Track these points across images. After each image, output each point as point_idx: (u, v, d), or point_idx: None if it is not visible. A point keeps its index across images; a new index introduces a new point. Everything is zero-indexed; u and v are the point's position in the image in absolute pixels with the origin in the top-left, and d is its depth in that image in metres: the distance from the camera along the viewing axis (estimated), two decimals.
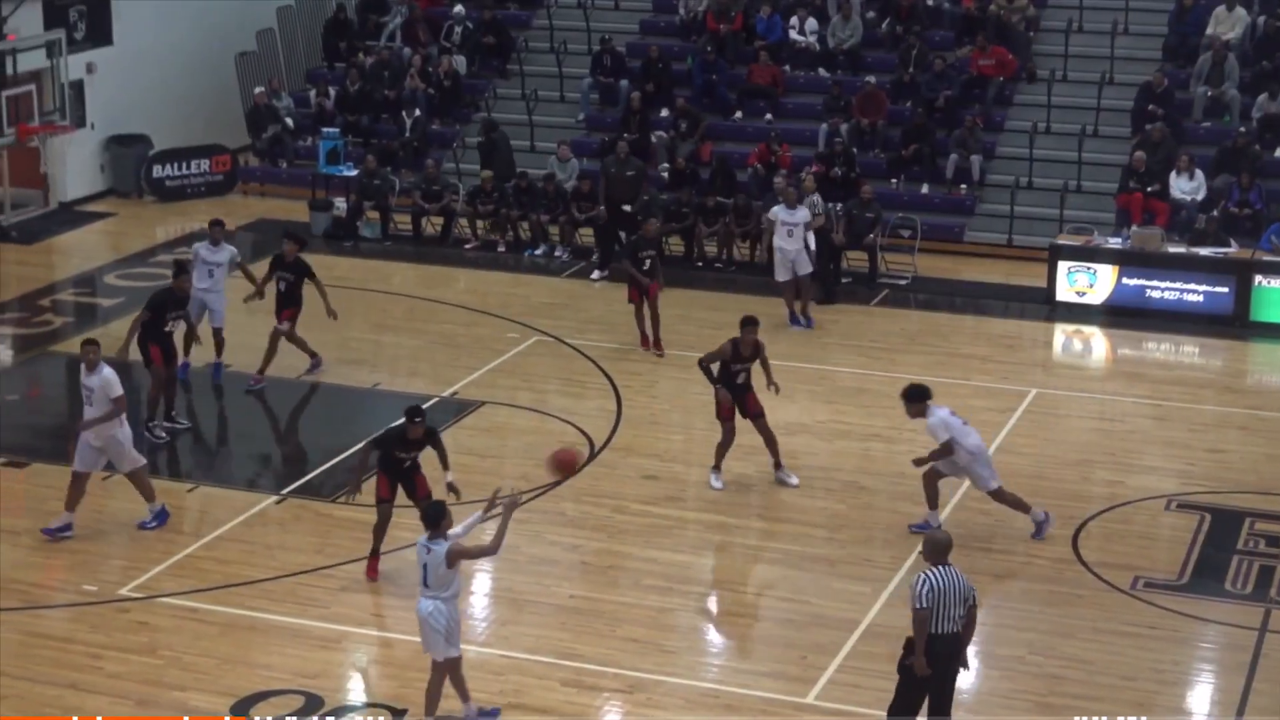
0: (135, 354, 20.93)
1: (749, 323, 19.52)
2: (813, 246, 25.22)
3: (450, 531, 14.43)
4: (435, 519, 14.43)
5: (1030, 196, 29.42)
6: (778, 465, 19.73)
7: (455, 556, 14.28)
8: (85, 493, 18.29)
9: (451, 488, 16.97)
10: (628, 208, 27.77)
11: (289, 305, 22.76)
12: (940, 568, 13.63)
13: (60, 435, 21.38)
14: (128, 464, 18.28)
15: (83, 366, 18.08)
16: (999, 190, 29.65)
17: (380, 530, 17.32)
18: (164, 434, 20.94)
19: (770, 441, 19.62)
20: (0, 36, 29.07)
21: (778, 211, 25.13)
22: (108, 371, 17.97)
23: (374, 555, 17.34)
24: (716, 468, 19.62)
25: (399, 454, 17.25)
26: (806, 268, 25.15)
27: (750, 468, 20.24)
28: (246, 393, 22.47)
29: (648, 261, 23.73)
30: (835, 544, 18.28)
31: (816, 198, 26.58)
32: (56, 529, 18.21)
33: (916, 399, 18.00)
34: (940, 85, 30.64)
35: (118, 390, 17.89)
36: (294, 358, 22.83)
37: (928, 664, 13.60)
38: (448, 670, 14.55)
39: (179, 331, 21.52)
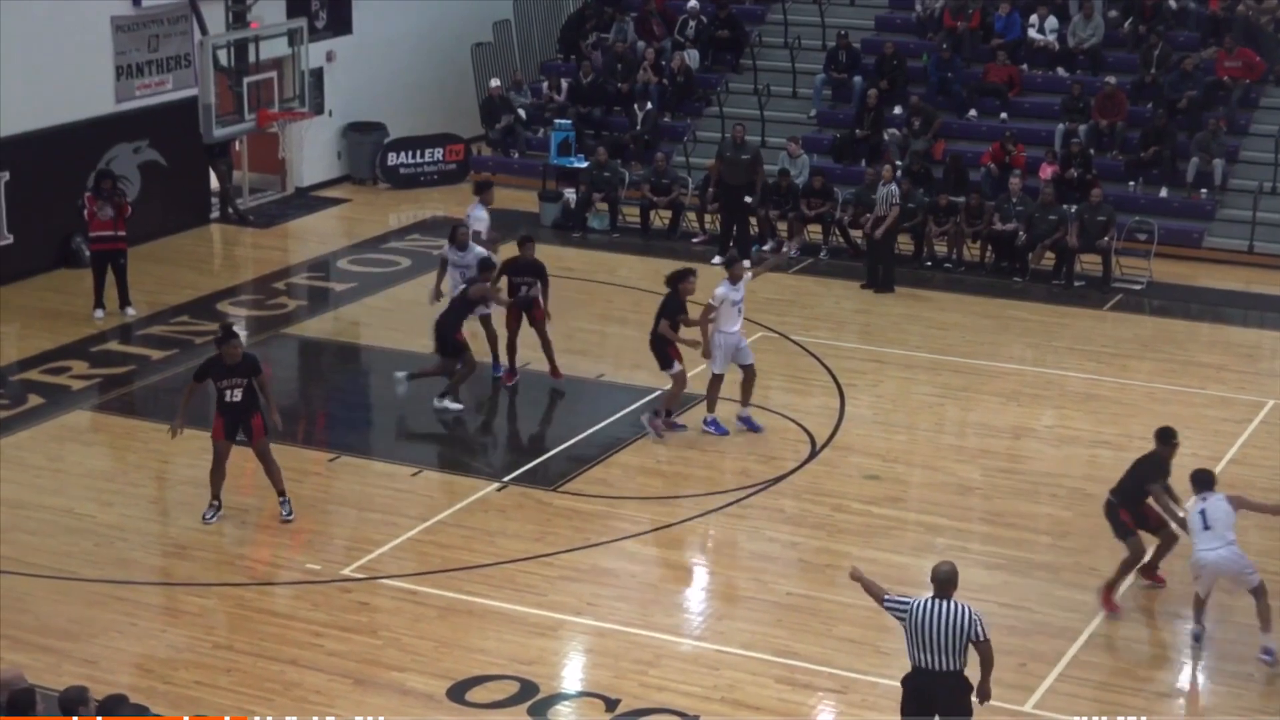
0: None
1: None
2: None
3: None
4: (1204, 481, 16.00)
5: (1274, 202, 28.66)
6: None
7: (1240, 504, 15.92)
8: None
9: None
10: (748, 199, 28.23)
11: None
12: (933, 600, 13.03)
13: (291, 415, 21.78)
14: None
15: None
16: (1241, 195, 28.89)
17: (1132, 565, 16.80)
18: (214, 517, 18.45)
19: None
20: (245, 24, 29.68)
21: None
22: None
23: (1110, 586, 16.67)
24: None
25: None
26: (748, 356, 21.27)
27: (974, 471, 19.97)
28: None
29: (524, 288, 22.14)
30: (1059, 550, 17.93)
31: (893, 187, 26.57)
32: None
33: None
34: (1183, 87, 29.95)
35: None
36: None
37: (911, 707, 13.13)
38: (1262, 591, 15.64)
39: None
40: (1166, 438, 16.72)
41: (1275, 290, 26.33)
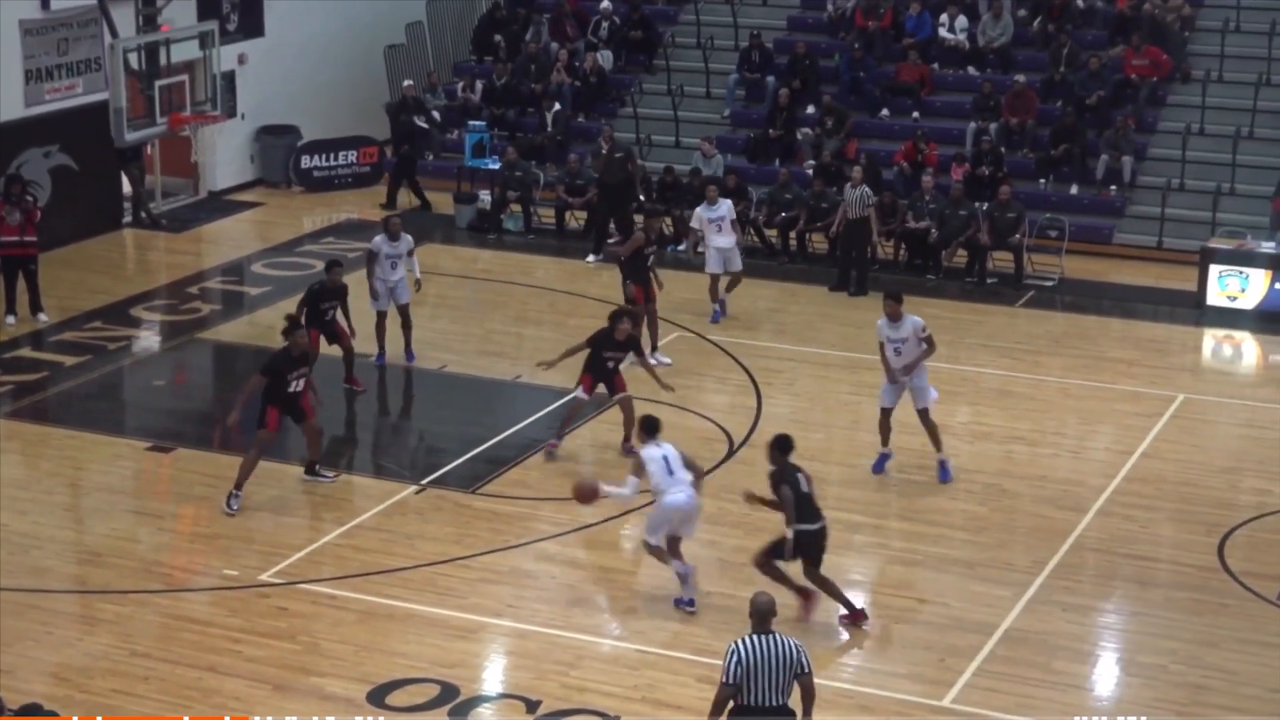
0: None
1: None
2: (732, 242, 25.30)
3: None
4: (655, 428, 16.84)
5: (1182, 199, 28.97)
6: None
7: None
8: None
9: None
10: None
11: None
12: (756, 636, 12.45)
13: (205, 421, 21.70)
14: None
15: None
16: (1150, 192, 29.20)
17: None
18: (237, 506, 18.72)
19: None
20: (155, 27, 29.48)
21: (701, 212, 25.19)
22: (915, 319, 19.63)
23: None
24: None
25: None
26: (737, 264, 25.46)
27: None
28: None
29: (331, 313, 22.03)
30: (975, 546, 18.09)
31: (865, 189, 26.62)
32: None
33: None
34: (1092, 85, 30.23)
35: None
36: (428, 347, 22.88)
37: None
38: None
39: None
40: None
41: (1184, 285, 26.60)
